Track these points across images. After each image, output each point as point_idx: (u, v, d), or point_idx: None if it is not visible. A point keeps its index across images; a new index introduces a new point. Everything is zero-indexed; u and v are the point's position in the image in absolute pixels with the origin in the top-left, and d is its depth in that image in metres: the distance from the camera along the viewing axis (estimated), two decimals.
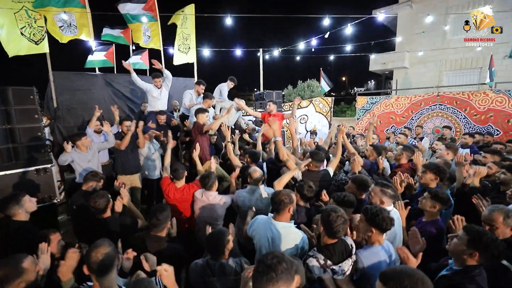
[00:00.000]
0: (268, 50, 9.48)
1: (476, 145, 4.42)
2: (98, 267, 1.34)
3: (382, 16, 8.08)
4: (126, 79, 6.59)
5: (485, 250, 1.46)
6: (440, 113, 7.87)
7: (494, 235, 1.54)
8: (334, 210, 1.77)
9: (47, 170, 3.25)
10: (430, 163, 2.59)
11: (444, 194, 2.10)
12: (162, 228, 2.05)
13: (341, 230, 1.73)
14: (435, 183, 2.42)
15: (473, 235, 1.51)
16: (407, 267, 1.24)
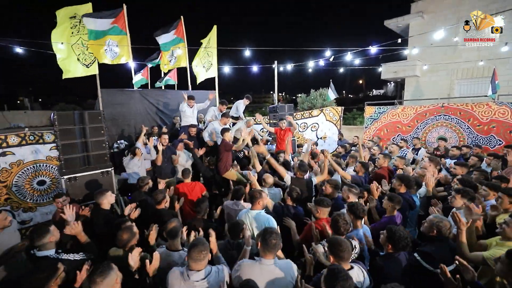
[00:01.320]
0: (283, 64, 10.27)
1: (462, 157, 5.00)
2: (169, 233, 2.27)
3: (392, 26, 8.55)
4: (158, 94, 7.69)
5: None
6: (445, 123, 8.31)
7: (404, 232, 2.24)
8: (339, 215, 2.42)
9: (108, 172, 4.29)
10: (400, 174, 3.34)
11: (396, 197, 2.87)
12: (203, 213, 3.01)
13: (343, 230, 2.36)
14: (404, 189, 3.18)
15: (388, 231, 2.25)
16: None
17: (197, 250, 1.85)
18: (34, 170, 5.76)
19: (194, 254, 1.84)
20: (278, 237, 2.05)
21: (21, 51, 7.21)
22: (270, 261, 1.98)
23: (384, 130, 9.34)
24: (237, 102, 7.14)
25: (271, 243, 1.98)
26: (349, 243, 1.96)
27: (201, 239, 1.97)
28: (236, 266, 2.05)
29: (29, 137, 5.71)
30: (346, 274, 1.56)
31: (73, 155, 4.00)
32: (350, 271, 1.89)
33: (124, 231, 2.27)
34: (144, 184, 3.72)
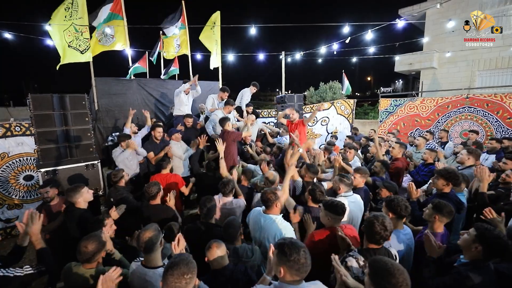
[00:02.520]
0: (291, 53, 9.63)
1: (504, 151, 4.30)
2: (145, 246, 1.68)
3: (402, 23, 7.84)
4: (157, 83, 7.15)
5: (488, 245, 1.59)
6: (469, 116, 7.57)
7: (499, 232, 1.66)
8: (376, 217, 1.83)
9: (94, 165, 3.75)
10: (442, 169, 2.66)
11: (446, 206, 2.17)
12: (211, 216, 2.47)
13: (382, 238, 1.80)
14: (449, 188, 2.52)
15: (480, 230, 1.66)
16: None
17: (176, 273, 1.28)
18: (20, 164, 5.29)
19: (171, 279, 1.27)
20: (307, 254, 1.44)
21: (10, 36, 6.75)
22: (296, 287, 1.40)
23: (401, 124, 8.63)
24: (242, 90, 6.50)
25: (299, 262, 1.38)
26: (402, 269, 1.33)
27: (185, 257, 1.38)
28: None
29: (15, 128, 5.24)
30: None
31: (51, 145, 3.46)
32: None
33: (88, 240, 1.69)
34: (118, 179, 3.17)
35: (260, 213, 2.35)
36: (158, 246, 1.75)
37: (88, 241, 1.69)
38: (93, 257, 1.68)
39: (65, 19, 5.58)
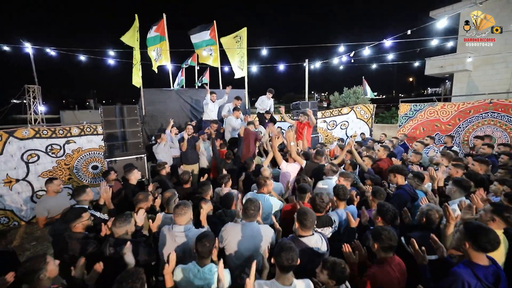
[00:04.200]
0: (313, 62, 10.30)
1: (495, 157, 4.55)
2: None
3: (444, 22, 7.83)
4: (191, 93, 8.48)
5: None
6: (493, 121, 7.49)
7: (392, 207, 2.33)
8: (317, 194, 2.65)
9: (142, 158, 5.05)
10: (395, 166, 3.35)
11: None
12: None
13: (321, 208, 2.58)
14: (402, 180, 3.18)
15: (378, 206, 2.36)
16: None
17: (180, 207, 2.31)
18: (89, 156, 6.96)
19: (177, 210, 2.31)
20: (257, 208, 2.38)
21: (84, 59, 8.68)
22: (248, 223, 2.37)
23: (420, 128, 8.76)
24: (261, 97, 7.54)
25: (249, 212, 2.35)
26: (314, 215, 2.18)
27: (185, 201, 2.40)
28: (222, 227, 2.44)
29: (86, 129, 6.91)
30: (290, 246, 1.74)
31: (114, 142, 4.83)
32: (311, 237, 2.17)
33: (140, 194, 2.89)
34: (161, 168, 4.32)
35: (254, 194, 3.27)
36: (172, 202, 2.83)
37: (140, 194, 2.89)
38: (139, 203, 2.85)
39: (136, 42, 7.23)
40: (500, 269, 1.63)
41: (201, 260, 1.90)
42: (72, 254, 2.16)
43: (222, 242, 2.33)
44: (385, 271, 1.81)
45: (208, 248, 1.87)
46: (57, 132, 6.50)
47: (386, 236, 1.84)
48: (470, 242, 1.64)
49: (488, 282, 1.55)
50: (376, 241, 1.89)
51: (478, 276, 1.56)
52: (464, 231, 1.69)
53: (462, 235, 1.70)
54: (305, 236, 2.16)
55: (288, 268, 1.67)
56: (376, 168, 4.28)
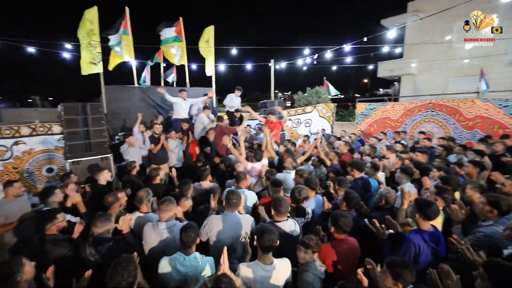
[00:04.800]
0: (278, 62, 10.69)
1: (432, 149, 5.36)
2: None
3: (392, 33, 8.73)
4: (154, 89, 8.24)
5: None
6: (432, 119, 8.60)
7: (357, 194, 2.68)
8: (296, 188, 2.91)
9: (107, 158, 4.84)
10: (353, 161, 3.80)
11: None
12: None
13: (299, 201, 2.85)
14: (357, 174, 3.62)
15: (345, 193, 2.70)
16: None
17: (165, 203, 2.37)
18: (43, 158, 6.38)
19: (162, 206, 2.36)
20: (239, 198, 2.57)
21: (33, 50, 7.89)
22: (230, 214, 2.53)
23: (374, 126, 9.69)
24: (228, 95, 7.65)
25: (232, 201, 2.53)
26: (288, 202, 2.43)
27: (170, 197, 2.46)
28: (205, 220, 2.55)
29: (39, 128, 6.33)
30: (271, 229, 1.97)
31: (76, 141, 4.55)
32: (285, 222, 2.42)
33: (110, 195, 2.81)
34: (132, 168, 4.22)
35: (233, 188, 3.40)
36: (147, 201, 2.82)
37: (109, 195, 2.80)
38: (112, 205, 2.78)
39: (87, 35, 6.72)
40: (439, 233, 2.06)
41: (186, 249, 2.00)
42: (48, 258, 2.08)
43: (207, 234, 2.44)
44: (335, 246, 2.17)
45: (192, 237, 1.98)
46: (2, 132, 5.85)
47: (343, 222, 2.16)
48: (419, 213, 2.03)
49: (432, 243, 1.95)
50: (333, 225, 2.21)
51: (425, 239, 1.95)
52: (415, 205, 2.08)
53: (413, 208, 2.10)
54: (281, 221, 2.41)
55: (269, 249, 1.87)
56: (340, 162, 4.72)
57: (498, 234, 2.10)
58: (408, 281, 1.58)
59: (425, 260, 1.92)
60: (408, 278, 1.58)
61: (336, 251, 2.10)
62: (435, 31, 12.06)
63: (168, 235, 2.30)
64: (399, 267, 1.59)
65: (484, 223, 2.25)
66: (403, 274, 1.57)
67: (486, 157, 4.24)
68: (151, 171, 3.83)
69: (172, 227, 2.33)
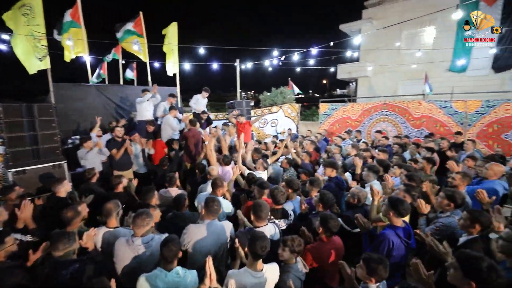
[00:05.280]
0: (244, 62, 10.66)
1: (390, 146, 5.88)
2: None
3: (358, 39, 9.30)
4: (116, 89, 7.61)
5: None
6: (386, 118, 9.39)
7: (332, 195, 2.80)
8: (276, 188, 2.88)
9: (60, 165, 4.31)
10: (327, 160, 3.98)
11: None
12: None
13: (281, 200, 2.83)
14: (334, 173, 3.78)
15: (321, 194, 2.79)
16: None
17: (141, 217, 2.17)
18: None
19: (138, 220, 2.16)
20: (219, 205, 2.49)
21: None
22: (210, 222, 2.44)
23: (336, 125, 10.24)
24: (195, 96, 7.31)
25: (213, 209, 2.44)
26: (268, 207, 2.44)
27: (146, 210, 2.27)
28: (184, 230, 2.41)
29: None
30: (263, 235, 1.95)
31: (20, 148, 3.97)
32: (265, 226, 2.42)
33: (69, 209, 2.48)
34: (91, 175, 3.83)
35: (208, 195, 3.26)
36: (115, 215, 2.54)
37: (68, 209, 2.47)
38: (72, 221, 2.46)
39: (24, 25, 5.83)
40: (410, 228, 2.23)
41: (167, 265, 1.86)
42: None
43: (185, 244, 2.31)
44: (319, 247, 2.25)
45: (174, 251, 1.85)
46: None
47: (332, 224, 2.23)
48: (393, 211, 2.17)
49: (405, 238, 2.11)
50: (322, 227, 2.27)
51: (399, 235, 2.10)
52: (388, 203, 2.23)
53: (387, 207, 2.24)
54: (261, 226, 2.39)
55: (261, 255, 1.85)
56: (308, 161, 4.88)
57: (454, 224, 2.37)
58: (382, 276, 1.71)
59: (398, 254, 2.08)
60: (382, 273, 1.70)
61: (324, 252, 2.16)
62: (387, 38, 13.15)
63: (145, 250, 2.12)
64: (374, 262, 1.70)
65: (442, 214, 2.51)
66: (377, 269, 1.69)
67: (435, 153, 4.77)
68: (113, 179, 3.52)
69: (150, 242, 2.15)
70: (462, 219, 2.16)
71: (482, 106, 7.92)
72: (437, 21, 12.45)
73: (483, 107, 7.92)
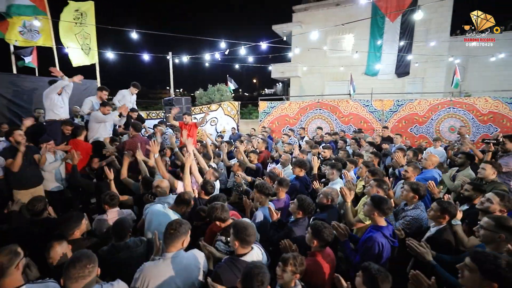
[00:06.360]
0: (178, 55, 9.76)
1: (333, 142, 6.27)
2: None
3: (296, 43, 9.58)
4: (8, 80, 5.76)
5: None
6: (320, 116, 10.07)
7: (310, 199, 2.65)
8: (217, 202, 2.40)
9: None
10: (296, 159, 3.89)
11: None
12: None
13: (226, 215, 2.33)
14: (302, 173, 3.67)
15: (298, 200, 2.60)
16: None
17: (78, 265, 1.49)
18: None
19: (72, 271, 1.47)
20: (187, 227, 1.95)
21: None
22: (175, 254, 1.85)
23: (276, 122, 10.46)
24: (121, 91, 6.08)
25: (175, 234, 1.86)
26: (254, 227, 2.02)
27: (83, 252, 1.58)
28: (136, 274, 1.78)
29: None
30: (260, 267, 1.57)
31: None
32: (251, 252, 1.95)
33: None
34: None
35: (164, 208, 2.60)
36: (14, 269, 1.59)
37: None
38: None
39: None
40: (392, 226, 2.22)
41: None
42: None
43: None
44: (317, 263, 1.98)
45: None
46: None
47: (327, 234, 1.98)
48: (377, 210, 2.10)
49: (391, 238, 2.06)
50: (316, 238, 2.00)
51: (385, 235, 2.04)
52: (371, 203, 2.15)
53: (370, 207, 2.16)
54: (246, 253, 1.93)
55: None
56: (260, 159, 4.66)
57: (422, 216, 2.50)
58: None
59: (386, 255, 2.03)
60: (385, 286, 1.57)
61: (322, 266, 1.91)
62: (315, 41, 14.16)
63: None
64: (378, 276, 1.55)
65: (407, 207, 2.64)
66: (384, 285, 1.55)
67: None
68: (34, 204, 2.51)
69: None
70: (432, 210, 2.27)
71: (394, 105, 9.32)
72: (355, 30, 14.12)
73: (395, 105, 9.32)
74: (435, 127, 9.00)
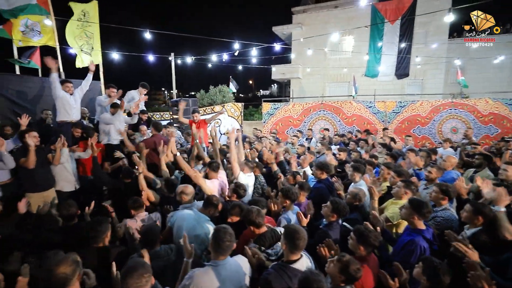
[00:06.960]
0: (181, 56, 9.68)
1: (343, 143, 6.27)
2: None
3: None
4: (11, 81, 5.61)
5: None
6: (324, 117, 10.08)
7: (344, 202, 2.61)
8: (254, 206, 2.33)
9: None
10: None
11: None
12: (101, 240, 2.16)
13: (261, 221, 2.23)
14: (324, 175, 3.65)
15: (332, 203, 2.56)
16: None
17: (135, 274, 1.44)
18: None
19: (130, 281, 1.42)
20: (233, 238, 1.88)
21: None
22: (224, 261, 1.83)
23: (280, 124, 10.44)
24: (130, 92, 6.04)
25: (225, 244, 1.81)
26: (305, 231, 1.89)
27: (138, 260, 1.51)
28: (185, 281, 1.73)
29: None
30: (319, 278, 1.49)
31: None
32: (301, 260, 1.87)
33: None
34: None
35: (196, 213, 2.54)
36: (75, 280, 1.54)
37: None
38: None
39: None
40: (432, 229, 2.20)
41: None
42: None
43: None
44: (366, 270, 1.85)
45: None
46: None
47: (373, 238, 1.92)
48: (417, 214, 2.08)
49: (432, 240, 2.05)
50: (363, 244, 1.93)
51: (426, 238, 2.02)
52: (410, 206, 2.13)
53: (409, 210, 2.13)
54: (296, 260, 1.82)
55: None
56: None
57: (452, 217, 2.49)
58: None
59: None
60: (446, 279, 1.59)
61: (372, 274, 1.87)
62: (315, 43, 14.25)
63: None
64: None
65: (437, 208, 2.63)
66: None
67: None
68: (70, 208, 2.40)
69: None
70: (465, 212, 2.26)
71: (397, 106, 9.39)
72: (355, 32, 14.22)
73: (397, 107, 9.40)
74: (437, 128, 9.10)
